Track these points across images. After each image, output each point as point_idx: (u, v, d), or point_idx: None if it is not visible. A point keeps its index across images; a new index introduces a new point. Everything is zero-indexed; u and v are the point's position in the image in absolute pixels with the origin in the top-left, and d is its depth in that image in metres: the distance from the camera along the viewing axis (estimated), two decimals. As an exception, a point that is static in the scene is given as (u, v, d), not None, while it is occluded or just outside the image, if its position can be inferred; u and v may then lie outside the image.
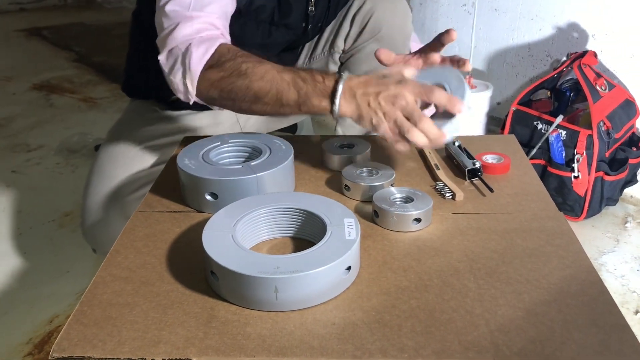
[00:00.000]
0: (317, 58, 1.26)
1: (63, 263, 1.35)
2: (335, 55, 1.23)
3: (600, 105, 1.47)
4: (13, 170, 1.84)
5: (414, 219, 0.76)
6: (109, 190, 1.12)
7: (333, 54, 1.23)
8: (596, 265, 1.31)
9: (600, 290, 0.65)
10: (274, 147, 0.87)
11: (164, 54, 0.90)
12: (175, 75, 0.88)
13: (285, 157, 0.84)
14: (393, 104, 0.76)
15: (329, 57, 1.24)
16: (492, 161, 0.93)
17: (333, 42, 1.22)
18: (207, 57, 0.86)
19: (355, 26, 1.18)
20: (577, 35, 1.71)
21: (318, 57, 1.26)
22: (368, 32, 1.17)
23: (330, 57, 1.24)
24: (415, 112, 0.76)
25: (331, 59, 1.24)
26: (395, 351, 0.56)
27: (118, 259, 0.72)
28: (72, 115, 2.32)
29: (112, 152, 1.16)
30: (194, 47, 0.86)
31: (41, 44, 3.43)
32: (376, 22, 1.16)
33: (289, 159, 0.84)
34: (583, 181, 1.45)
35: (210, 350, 0.57)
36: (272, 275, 0.60)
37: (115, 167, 1.13)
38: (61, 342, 0.58)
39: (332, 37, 1.22)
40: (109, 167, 1.14)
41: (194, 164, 0.82)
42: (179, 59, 0.88)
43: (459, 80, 0.83)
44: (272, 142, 0.89)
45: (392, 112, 0.76)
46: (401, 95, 0.76)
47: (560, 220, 0.79)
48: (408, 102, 0.76)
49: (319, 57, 1.26)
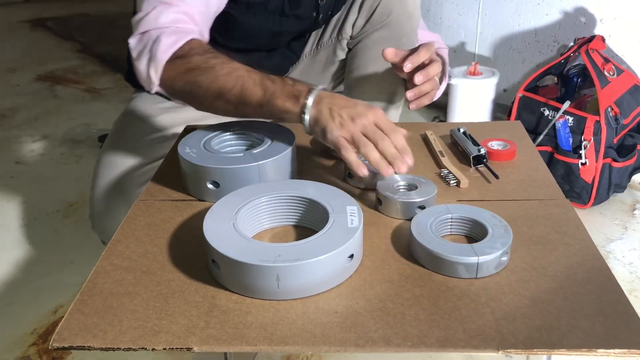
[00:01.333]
0: (325, 45, 1.26)
1: (67, 253, 1.35)
2: (343, 41, 1.22)
3: (608, 91, 1.45)
4: (17, 161, 1.84)
5: (418, 206, 0.75)
6: (116, 183, 1.11)
7: (341, 40, 1.22)
8: (604, 253, 1.30)
9: (607, 278, 0.64)
10: (276, 135, 0.86)
11: (135, 38, 0.89)
12: (141, 61, 0.87)
13: (288, 145, 0.83)
14: (353, 119, 0.75)
15: (336, 44, 1.24)
16: (497, 147, 0.92)
17: (341, 29, 1.21)
18: (176, 47, 0.85)
19: (364, 13, 1.17)
20: (584, 20, 1.69)
21: (325, 44, 1.25)
22: (376, 18, 1.16)
23: (338, 43, 1.23)
24: (377, 133, 0.74)
25: (339, 45, 1.23)
26: (399, 339, 0.56)
27: (119, 248, 0.71)
28: (76, 106, 2.32)
29: (119, 143, 1.15)
30: (164, 36, 0.85)
31: (45, 35, 3.43)
32: (385, 9, 1.15)
33: (291, 146, 0.83)
34: (590, 168, 1.43)
35: (211, 339, 0.56)
36: (273, 263, 0.59)
37: (122, 159, 1.13)
38: (62, 331, 0.58)
39: (339, 24, 1.22)
40: (116, 158, 1.14)
41: (195, 153, 0.81)
42: (148, 45, 0.86)
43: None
44: (274, 129, 0.88)
45: (350, 126, 0.74)
46: (364, 116, 0.75)
47: (567, 207, 0.78)
48: (369, 122, 0.75)
49: (327, 44, 1.25)
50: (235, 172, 0.78)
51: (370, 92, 1.21)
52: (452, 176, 0.84)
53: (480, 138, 0.93)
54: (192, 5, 0.91)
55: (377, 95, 1.21)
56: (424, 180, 0.79)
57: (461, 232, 0.72)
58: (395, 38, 1.16)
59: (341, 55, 1.24)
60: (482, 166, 0.88)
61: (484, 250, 0.64)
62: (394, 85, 1.19)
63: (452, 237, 0.72)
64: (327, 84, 1.31)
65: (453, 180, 0.84)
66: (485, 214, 0.71)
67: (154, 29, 0.87)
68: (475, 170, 0.88)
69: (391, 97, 1.21)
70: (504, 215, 0.73)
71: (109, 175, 1.12)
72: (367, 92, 1.21)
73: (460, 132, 0.95)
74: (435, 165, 0.90)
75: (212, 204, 0.71)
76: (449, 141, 0.97)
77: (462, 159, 0.91)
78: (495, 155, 0.90)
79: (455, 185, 0.83)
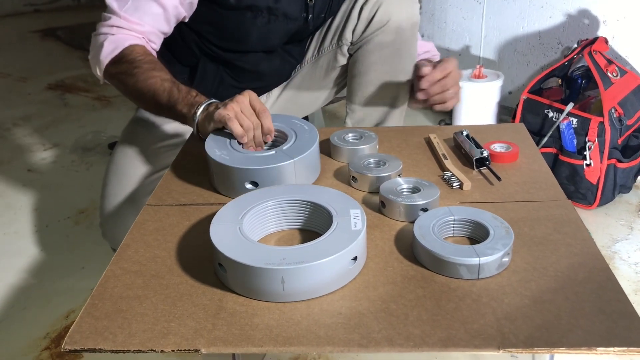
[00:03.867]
0: (326, 51, 1.27)
1: (79, 259, 1.37)
2: (344, 47, 1.23)
3: (611, 92, 1.45)
4: (29, 169, 1.87)
5: (420, 209, 0.76)
6: (126, 191, 1.13)
7: (341, 46, 1.24)
8: (609, 254, 1.30)
9: (607, 278, 0.64)
10: (298, 130, 0.90)
11: (93, 35, 1.06)
12: (92, 57, 1.06)
13: (313, 138, 0.87)
14: (233, 101, 0.89)
15: (337, 50, 1.25)
16: (500, 150, 0.93)
17: (341, 35, 1.22)
18: (113, 55, 1.02)
19: (363, 18, 1.18)
20: (588, 22, 1.69)
21: (326, 50, 1.27)
22: (376, 23, 1.17)
23: (338, 49, 1.24)
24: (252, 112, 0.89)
25: (339, 51, 1.25)
26: (402, 340, 0.57)
27: (128, 253, 0.73)
28: (87, 114, 2.35)
29: (127, 152, 1.17)
30: (107, 43, 1.03)
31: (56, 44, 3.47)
32: (384, 14, 1.17)
33: (317, 139, 0.87)
34: (595, 169, 1.43)
35: (218, 341, 0.58)
36: (278, 266, 0.61)
37: (131, 168, 1.15)
38: (73, 334, 0.59)
39: (339, 29, 1.23)
40: (125, 167, 1.16)
41: (227, 154, 0.84)
42: (96, 47, 1.05)
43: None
44: (294, 124, 0.92)
45: (233, 105, 0.88)
46: (242, 99, 0.90)
47: (568, 208, 0.78)
48: (246, 104, 0.90)
49: (327, 50, 1.26)
50: (273, 170, 0.81)
51: (372, 97, 1.23)
52: (455, 179, 0.85)
53: (483, 141, 0.94)
54: (140, 22, 1.05)
55: (379, 99, 1.23)
56: (427, 183, 0.80)
57: (463, 234, 0.73)
58: (396, 44, 1.17)
59: (342, 60, 1.26)
60: (485, 168, 0.89)
61: (485, 251, 0.65)
62: (396, 89, 1.20)
63: (454, 238, 0.73)
64: (329, 89, 1.33)
65: (456, 182, 0.85)
66: (486, 215, 0.72)
67: (101, 34, 1.05)
68: (478, 173, 0.89)
69: (394, 101, 1.22)
70: (506, 217, 0.74)
71: (118, 184, 1.14)
72: (370, 97, 1.23)
73: (463, 135, 0.96)
74: (438, 168, 0.91)
75: (219, 208, 0.73)
76: (452, 144, 0.98)
77: (465, 162, 0.92)
78: (497, 158, 0.91)
79: (458, 187, 0.84)
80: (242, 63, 1.21)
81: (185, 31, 1.16)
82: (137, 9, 1.04)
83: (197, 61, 1.21)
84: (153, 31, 1.06)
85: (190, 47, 1.17)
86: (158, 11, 1.05)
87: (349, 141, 0.95)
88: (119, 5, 1.03)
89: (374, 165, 0.87)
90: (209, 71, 1.22)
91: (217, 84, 1.23)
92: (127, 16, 1.03)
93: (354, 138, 0.96)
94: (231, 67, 1.22)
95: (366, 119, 1.26)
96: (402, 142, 1.00)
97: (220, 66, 1.22)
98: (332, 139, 0.95)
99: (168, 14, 1.06)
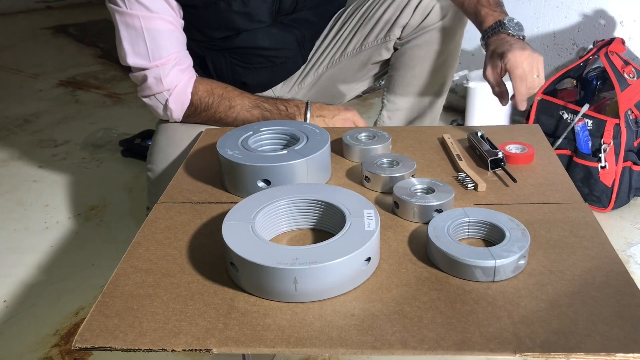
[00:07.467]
0: (370, 45, 1.29)
1: (88, 256, 1.37)
2: (390, 43, 1.26)
3: (628, 94, 1.43)
4: (40, 165, 1.88)
5: (435, 210, 0.75)
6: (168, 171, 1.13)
7: (388, 41, 1.27)
8: (624, 257, 1.28)
9: (626, 282, 0.63)
10: (309, 132, 0.90)
11: (141, 97, 1.11)
12: (161, 113, 1.12)
13: (324, 140, 0.87)
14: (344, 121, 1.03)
15: (382, 45, 1.27)
16: (515, 151, 0.91)
17: (390, 30, 1.25)
18: (184, 110, 1.10)
19: (417, 16, 1.22)
20: (604, 22, 1.67)
21: (371, 44, 1.29)
22: (430, 21, 1.21)
23: (384, 44, 1.28)
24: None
25: (385, 46, 1.28)
26: (416, 342, 0.56)
27: (139, 251, 0.72)
28: (98, 110, 2.35)
29: (169, 132, 1.17)
30: (171, 104, 1.09)
31: (67, 41, 3.48)
32: (438, 13, 1.20)
33: (328, 141, 0.87)
34: (610, 171, 1.41)
35: (230, 341, 0.57)
36: (291, 266, 0.60)
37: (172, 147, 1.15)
38: (83, 332, 0.59)
39: (389, 25, 1.25)
40: (167, 147, 1.16)
41: (239, 153, 0.84)
42: (160, 111, 1.11)
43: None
44: (304, 127, 0.92)
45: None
46: (350, 121, 1.04)
47: (585, 210, 0.77)
48: (356, 123, 1.03)
49: (372, 44, 1.28)
50: (285, 168, 0.81)
51: (414, 92, 1.27)
52: (469, 179, 0.84)
53: (498, 141, 0.93)
54: (170, 54, 1.06)
55: (421, 95, 1.27)
56: (441, 184, 0.79)
57: (478, 236, 0.72)
58: (446, 41, 1.20)
59: (386, 55, 1.29)
60: (500, 170, 0.88)
61: (501, 253, 0.64)
62: (439, 87, 1.27)
63: (469, 240, 0.72)
64: (364, 81, 1.36)
65: (470, 183, 0.84)
66: (502, 217, 0.71)
67: (157, 94, 1.08)
68: (492, 174, 0.88)
69: (434, 98, 1.28)
70: (522, 219, 0.73)
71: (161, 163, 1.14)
72: (412, 92, 1.26)
73: (478, 135, 0.95)
74: (452, 168, 0.90)
75: (230, 207, 0.72)
76: (467, 145, 0.97)
77: (479, 163, 0.91)
78: (513, 159, 0.90)
79: (472, 188, 0.83)
80: (240, 42, 1.21)
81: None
82: (159, 46, 1.04)
83: (203, 57, 1.21)
84: (181, 52, 1.09)
85: (190, 47, 1.17)
86: (170, 29, 1.06)
87: (361, 140, 0.94)
88: (143, 59, 1.05)
89: (387, 165, 0.86)
90: (217, 63, 1.23)
91: (230, 72, 1.24)
92: (157, 60, 1.05)
93: (366, 137, 0.96)
94: (235, 51, 1.22)
95: (404, 112, 1.28)
96: (415, 142, 0.99)
97: (227, 54, 1.22)
98: (345, 138, 0.95)
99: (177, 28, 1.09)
